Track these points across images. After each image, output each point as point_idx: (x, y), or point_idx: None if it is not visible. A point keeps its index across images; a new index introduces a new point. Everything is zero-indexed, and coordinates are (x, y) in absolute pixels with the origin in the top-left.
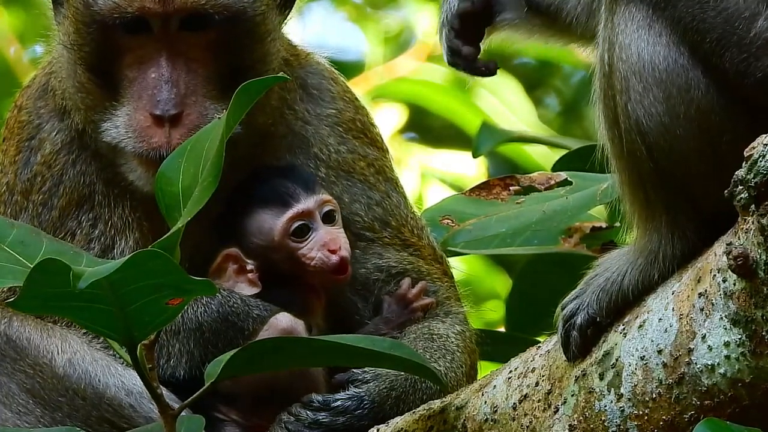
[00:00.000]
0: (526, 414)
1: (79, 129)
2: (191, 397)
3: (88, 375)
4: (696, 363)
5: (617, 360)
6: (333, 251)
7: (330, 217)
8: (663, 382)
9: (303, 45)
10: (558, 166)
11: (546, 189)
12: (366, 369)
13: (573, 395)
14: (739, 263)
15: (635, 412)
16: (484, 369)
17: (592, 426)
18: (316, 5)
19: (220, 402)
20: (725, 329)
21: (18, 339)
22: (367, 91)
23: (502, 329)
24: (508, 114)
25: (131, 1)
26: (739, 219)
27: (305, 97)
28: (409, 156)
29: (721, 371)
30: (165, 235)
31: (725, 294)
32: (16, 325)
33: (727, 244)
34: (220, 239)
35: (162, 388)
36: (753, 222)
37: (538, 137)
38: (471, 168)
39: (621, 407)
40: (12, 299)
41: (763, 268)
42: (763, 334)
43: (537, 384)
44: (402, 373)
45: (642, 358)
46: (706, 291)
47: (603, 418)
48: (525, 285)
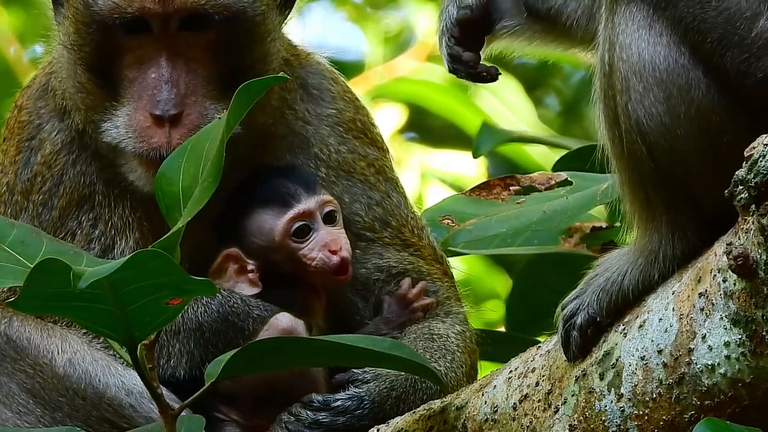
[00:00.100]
0: (526, 414)
1: (80, 129)
2: (191, 397)
3: (88, 375)
4: (696, 363)
5: (617, 360)
6: (334, 252)
7: (331, 218)
8: (663, 382)
9: (303, 45)
10: (558, 166)
11: (546, 189)
12: (366, 369)
13: (573, 395)
14: (740, 263)
15: (635, 412)
16: (484, 369)
17: (592, 426)
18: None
19: (220, 402)
20: (725, 329)
21: (18, 339)
22: (367, 91)
23: (502, 329)
24: (508, 114)
25: (131, 1)
26: (740, 219)
27: (305, 97)
28: (409, 156)
29: (722, 371)
30: (165, 235)
31: (725, 294)
32: (16, 325)
33: (728, 244)
34: (220, 239)
35: (162, 388)
36: (753, 222)
37: (538, 137)
38: (471, 168)
39: (621, 407)
40: (12, 299)
41: (764, 268)
42: (764, 334)
43: (537, 384)
44: (402, 373)
45: (642, 358)
46: (706, 291)
47: (603, 418)
48: (525, 285)
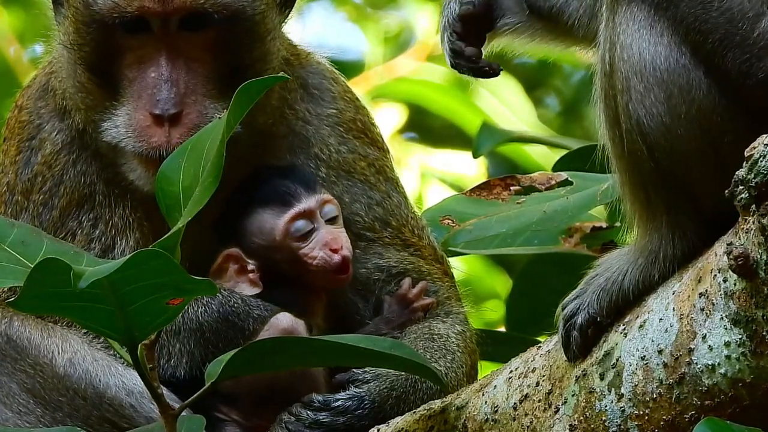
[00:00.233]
0: (526, 414)
1: (80, 129)
2: (192, 397)
3: (88, 375)
4: (696, 363)
5: (618, 360)
6: (335, 250)
7: (331, 217)
8: (663, 382)
9: (303, 45)
10: (558, 166)
11: (546, 189)
12: (366, 369)
13: (573, 395)
14: (740, 263)
15: (636, 412)
16: (484, 369)
17: (592, 426)
18: (316, 5)
19: (220, 402)
20: (726, 329)
21: (18, 339)
22: (367, 91)
23: (502, 329)
24: (508, 114)
25: (131, 1)
26: (740, 219)
27: (306, 97)
28: (409, 156)
29: (722, 371)
30: (165, 235)
31: (726, 294)
32: (16, 325)
33: (728, 244)
34: (220, 239)
35: (162, 387)
36: (753, 222)
37: (538, 137)
38: (471, 168)
39: (621, 407)
40: (12, 299)
41: (764, 268)
42: (764, 334)
43: (537, 384)
44: (402, 373)
45: (642, 358)
46: (706, 291)
47: (603, 418)
48: (525, 285)
